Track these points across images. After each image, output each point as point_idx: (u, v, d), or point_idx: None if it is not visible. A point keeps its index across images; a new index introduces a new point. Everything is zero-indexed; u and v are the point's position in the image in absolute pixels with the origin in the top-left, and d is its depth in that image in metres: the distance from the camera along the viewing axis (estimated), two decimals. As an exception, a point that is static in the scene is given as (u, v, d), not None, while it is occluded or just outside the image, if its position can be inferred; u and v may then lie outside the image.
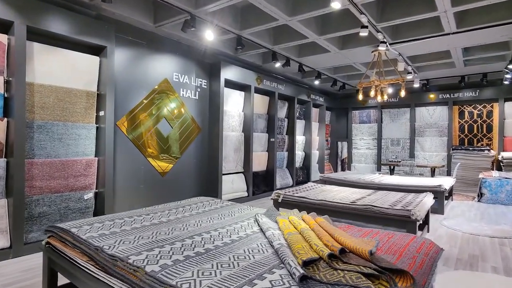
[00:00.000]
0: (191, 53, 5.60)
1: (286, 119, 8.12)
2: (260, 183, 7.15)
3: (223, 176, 6.09)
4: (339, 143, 10.61)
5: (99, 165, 4.11)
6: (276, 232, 2.22)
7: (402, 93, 5.23)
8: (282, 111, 8.01)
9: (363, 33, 4.12)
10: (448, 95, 8.52)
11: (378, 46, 4.83)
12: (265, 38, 5.37)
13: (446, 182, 5.84)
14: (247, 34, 4.98)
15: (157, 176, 5.05)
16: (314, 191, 4.74)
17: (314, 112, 9.56)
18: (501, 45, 5.56)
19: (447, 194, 6.66)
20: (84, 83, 4.02)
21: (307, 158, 8.96)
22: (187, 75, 5.53)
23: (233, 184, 6.26)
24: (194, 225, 2.49)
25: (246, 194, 6.55)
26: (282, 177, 7.83)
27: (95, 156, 4.12)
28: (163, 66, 5.11)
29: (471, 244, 3.91)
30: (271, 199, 4.60)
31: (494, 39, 5.05)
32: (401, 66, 5.83)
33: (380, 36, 4.70)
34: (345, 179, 6.60)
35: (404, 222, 3.47)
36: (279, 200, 4.50)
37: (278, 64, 5.99)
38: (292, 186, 8.10)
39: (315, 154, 9.57)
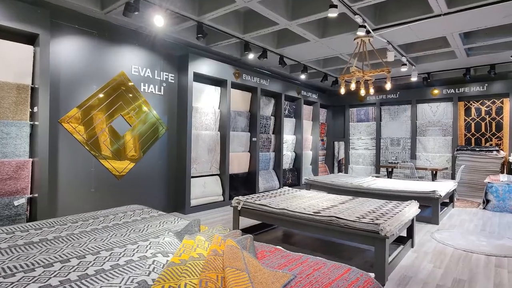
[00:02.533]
0: (156, 44, 5.12)
1: (272, 117, 7.54)
2: (240, 186, 6.60)
3: (193, 179, 5.57)
4: (335, 143, 9.92)
5: (35, 168, 3.67)
6: (163, 259, 1.68)
7: (388, 86, 4.56)
8: (267, 109, 7.43)
9: (332, 13, 3.51)
10: (452, 90, 7.72)
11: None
12: (233, 25, 4.82)
13: (443, 188, 5.12)
14: (208, 21, 4.45)
15: (112, 179, 4.59)
16: (281, 198, 4.16)
17: (307, 109, 8.92)
18: (507, 29, 4.80)
19: (447, 200, 5.94)
20: (14, 75, 3.58)
21: (297, 159, 8.34)
22: (150, 69, 5.04)
23: (205, 187, 5.73)
24: (100, 240, 2.16)
25: (221, 198, 6.01)
26: (267, 180, 7.25)
27: (30, 157, 3.68)
28: (119, 58, 4.64)
29: (460, 265, 3.24)
30: (231, 206, 4.05)
31: (496, 21, 4.32)
32: (390, 56, 5.16)
33: (358, 20, 4.07)
34: (332, 183, 5.98)
35: (373, 238, 2.86)
36: (239, 208, 3.94)
37: (252, 56, 5.42)
38: (278, 188, 7.49)
39: (308, 154, 8.94)
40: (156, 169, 5.17)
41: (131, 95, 4.79)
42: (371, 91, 4.92)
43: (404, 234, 3.78)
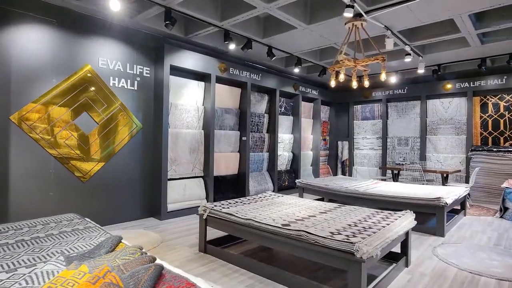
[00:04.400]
0: (128, 35, 4.70)
1: (266, 115, 7.01)
2: (228, 190, 6.11)
3: (171, 182, 5.13)
4: (339, 142, 9.27)
5: (-21, 169, 3.31)
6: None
7: (383, 77, 3.94)
8: (260, 106, 6.90)
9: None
10: (466, 84, 6.95)
11: (352, 16, 3.61)
12: (209, 12, 4.34)
13: (451, 194, 4.45)
14: (177, 6, 3.98)
15: (75, 182, 4.20)
16: (256, 205, 3.63)
17: (307, 107, 8.33)
18: (527, 9, 4.10)
19: (458, 207, 5.24)
20: (-47, 67, 3.23)
21: (295, 160, 7.77)
22: (121, 62, 4.63)
23: (185, 191, 5.27)
24: None
25: (205, 202, 5.54)
26: (259, 182, 6.73)
27: (-27, 158, 3.33)
28: (83, 50, 4.25)
29: (463, 292, 2.63)
30: (197, 214, 3.56)
31: (513, -3, 3.64)
32: (389, 44, 4.54)
33: (345, -2, 3.49)
34: (326, 187, 5.40)
35: (347, 260, 2.30)
36: (204, 217, 3.45)
37: (233, 46, 4.91)
38: (272, 192, 6.95)
39: (308, 155, 8.34)
40: (129, 170, 4.75)
41: (98, 90, 4.39)
42: (366, 83, 4.31)
43: (398, 248, 3.18)
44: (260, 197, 4.14)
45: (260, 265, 3.02)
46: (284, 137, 7.51)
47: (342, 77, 3.91)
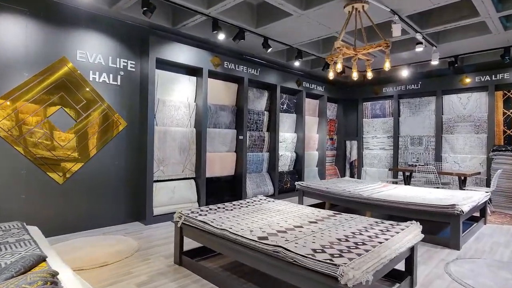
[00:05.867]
0: (110, 26, 4.39)
1: (266, 112, 6.58)
2: (224, 192, 5.72)
3: (159, 183, 4.79)
4: (347, 142, 8.72)
5: None
6: None
7: (387, 66, 3.44)
8: (259, 102, 6.48)
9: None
10: (487, 77, 6.28)
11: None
12: (193, -2, 3.96)
13: (468, 200, 3.89)
14: (155, -10, 3.62)
15: (51, 184, 3.90)
16: (238, 212, 3.21)
17: (312, 104, 7.84)
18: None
19: (477, 214, 4.65)
20: None
21: (299, 160, 7.29)
22: (102, 55, 4.31)
23: (174, 193, 4.92)
24: None
25: (196, 205, 5.17)
26: (258, 184, 6.31)
27: None
28: (59, 42, 3.95)
29: (479, 326, 2.12)
30: (172, 221, 3.18)
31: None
32: (396, 30, 4.02)
33: (341, -25, 3.02)
34: (327, 190, 4.93)
35: (329, 286, 1.85)
36: (179, 225, 3.06)
37: (222, 36, 4.51)
38: (273, 195, 6.53)
39: (313, 155, 7.85)
40: (112, 171, 4.43)
41: (76, 85, 4.08)
42: (369, 75, 3.81)
43: (402, 265, 2.70)
44: (248, 202, 3.72)
45: (238, 282, 2.60)
46: (287, 136, 7.06)
47: (339, 66, 3.43)
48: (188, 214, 3.04)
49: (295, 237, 2.35)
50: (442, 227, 4.46)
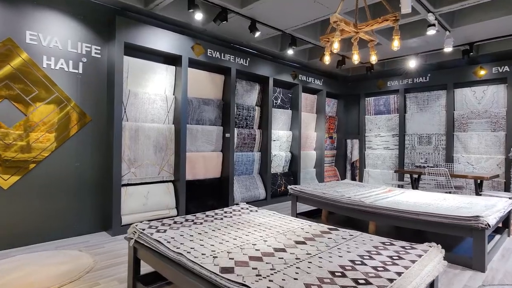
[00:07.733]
0: (69, 4, 3.75)
1: (257, 108, 5.92)
2: (207, 196, 5.07)
3: (130, 187, 4.15)
4: (348, 141, 8.04)
5: None
6: None
7: (395, 44, 2.78)
8: (249, 96, 5.82)
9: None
10: (506, 68, 5.60)
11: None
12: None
13: (493, 210, 3.22)
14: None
15: (-8, 189, 3.28)
16: (211, 225, 2.56)
17: (309, 99, 7.18)
18: None
19: (499, 225, 3.98)
20: None
21: (294, 161, 6.63)
22: (59, 37, 3.68)
23: (147, 199, 4.28)
24: None
25: (174, 212, 4.53)
26: (248, 188, 5.65)
27: None
28: (2, 20, 3.32)
29: None
30: (125, 238, 2.53)
31: None
32: (406, 5, 3.34)
33: None
34: (323, 196, 4.28)
35: None
36: (131, 244, 2.41)
37: (200, 16, 3.86)
38: (264, 199, 5.88)
39: (310, 155, 7.19)
40: (73, 174, 3.80)
41: (24, 72, 3.45)
42: (373, 59, 3.15)
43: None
44: (226, 213, 3.07)
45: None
46: (281, 134, 6.41)
47: (336, 46, 2.76)
48: (144, 230, 2.40)
49: (271, 269, 1.70)
50: (457, 240, 3.79)
